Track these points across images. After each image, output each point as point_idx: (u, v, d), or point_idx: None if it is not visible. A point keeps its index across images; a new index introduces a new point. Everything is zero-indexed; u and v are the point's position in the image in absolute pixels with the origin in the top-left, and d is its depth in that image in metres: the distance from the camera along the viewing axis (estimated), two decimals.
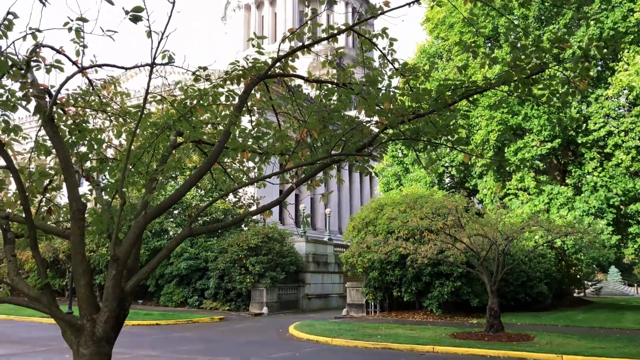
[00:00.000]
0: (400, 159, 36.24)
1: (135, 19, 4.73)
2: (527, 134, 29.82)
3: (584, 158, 29.66)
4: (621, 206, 29.02)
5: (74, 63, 5.70)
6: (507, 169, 29.64)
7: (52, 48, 5.45)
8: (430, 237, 22.84)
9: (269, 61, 5.92)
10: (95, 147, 6.02)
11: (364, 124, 6.11)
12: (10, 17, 4.62)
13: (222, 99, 6.24)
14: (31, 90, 4.99)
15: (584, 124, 28.56)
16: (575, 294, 48.42)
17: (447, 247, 21.65)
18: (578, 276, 42.43)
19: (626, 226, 30.40)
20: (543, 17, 31.15)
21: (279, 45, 6.18)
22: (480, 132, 29.19)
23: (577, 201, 28.50)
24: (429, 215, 24.68)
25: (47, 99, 5.39)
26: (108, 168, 6.19)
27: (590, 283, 66.85)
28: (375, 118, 5.62)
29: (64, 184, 5.29)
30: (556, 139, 28.66)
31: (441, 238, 21.98)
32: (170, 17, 4.66)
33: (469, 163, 30.61)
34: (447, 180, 37.39)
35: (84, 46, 5.40)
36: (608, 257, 31.24)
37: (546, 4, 5.55)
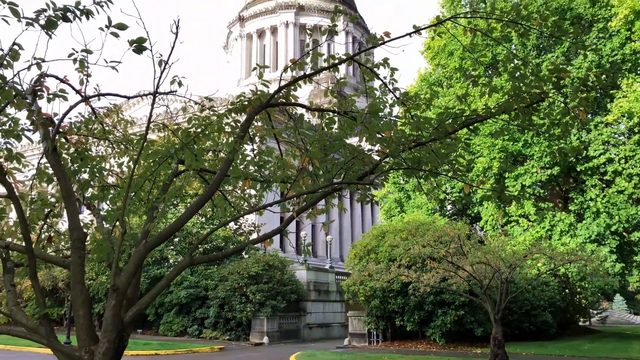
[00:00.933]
0: (402, 186, 36.25)
1: (139, 50, 4.80)
2: (528, 160, 29.88)
3: (586, 185, 29.63)
4: (624, 233, 28.86)
5: (78, 92, 5.75)
6: (507, 195, 29.61)
7: (57, 77, 5.51)
8: (433, 265, 22.68)
9: (272, 91, 5.98)
10: (97, 175, 6.04)
11: (366, 152, 6.13)
12: (15, 47, 4.69)
13: (227, 128, 6.28)
14: (37, 118, 5.03)
15: (584, 151, 28.64)
16: (580, 323, 47.77)
17: (450, 275, 21.46)
18: (583, 304, 41.94)
19: (630, 254, 30.16)
20: (541, 46, 31.56)
21: (281, 75, 6.24)
22: (481, 159, 29.25)
23: (579, 228, 28.37)
24: (431, 242, 24.55)
25: (50, 128, 5.42)
26: (110, 196, 6.19)
27: (595, 312, 65.98)
28: (377, 147, 5.64)
29: (65, 212, 5.28)
30: (556, 166, 28.70)
31: (443, 266, 21.81)
32: (173, 48, 4.72)
33: (470, 192, 30.61)
34: (449, 207, 37.31)
35: (88, 75, 5.46)
36: (612, 285, 30.95)
37: (545, 34, 5.61)
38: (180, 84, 5.55)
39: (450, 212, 37.41)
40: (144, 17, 4.83)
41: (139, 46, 4.77)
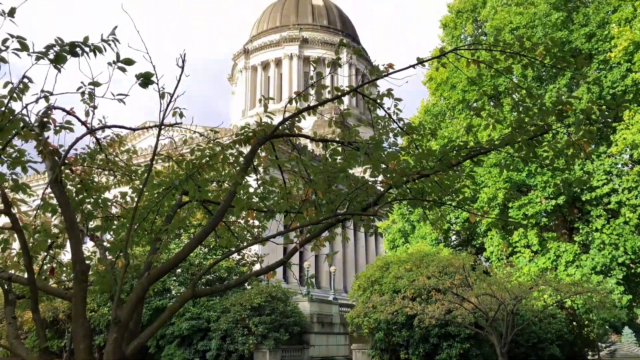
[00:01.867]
0: (406, 216, 36.11)
1: (145, 84, 4.86)
2: (532, 190, 29.81)
3: (590, 215, 29.47)
4: (631, 265, 28.54)
5: (84, 124, 5.82)
6: (511, 227, 29.44)
7: (64, 110, 5.58)
8: (438, 296, 22.41)
9: (276, 122, 6.02)
10: (101, 205, 6.05)
11: (369, 183, 6.13)
12: (25, 80, 4.76)
13: (231, 159, 6.31)
14: (43, 150, 5.08)
15: (588, 181, 28.58)
16: (589, 357, 46.80)
17: (455, 307, 21.19)
18: (591, 338, 41.17)
19: (638, 286, 29.76)
20: (543, 77, 31.85)
21: (285, 106, 6.31)
22: (485, 189, 29.22)
23: (585, 259, 28.09)
24: (436, 274, 24.33)
25: (56, 159, 5.46)
26: (113, 227, 6.19)
27: (604, 345, 64.71)
28: (380, 177, 5.65)
29: (68, 243, 5.27)
30: (561, 196, 28.61)
31: (448, 298, 21.56)
32: (178, 82, 4.79)
33: (475, 222, 30.45)
34: (454, 237, 37.09)
35: (94, 107, 5.53)
36: (620, 318, 30.42)
37: (547, 65, 5.66)
38: (181, 115, 5.61)
39: (455, 242, 37.16)
40: (149, 46, 4.92)
41: (145, 80, 4.84)
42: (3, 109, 4.72)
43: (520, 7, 31.72)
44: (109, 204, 6.32)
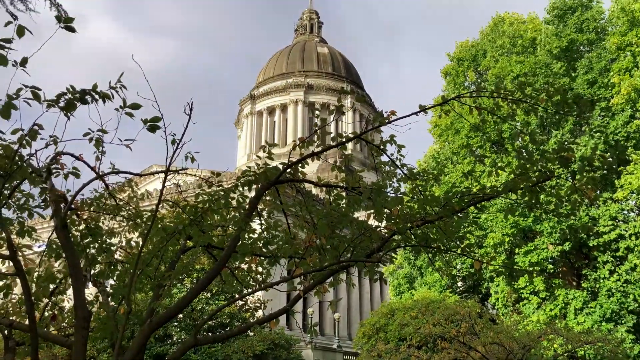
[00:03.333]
0: (412, 261, 35.70)
1: (153, 129, 4.95)
2: (538, 236, 29.54)
3: (598, 261, 29.08)
4: None
5: (92, 169, 5.89)
6: (518, 270, 29.03)
7: (72, 155, 5.67)
8: (444, 345, 21.92)
9: (280, 166, 6.07)
10: (106, 251, 6.05)
11: (373, 228, 6.13)
12: (35, 127, 4.86)
13: (234, 202, 6.34)
14: (50, 195, 5.13)
15: (594, 227, 28.34)
16: None
17: (462, 356, 20.68)
18: None
19: None
20: (545, 124, 32.10)
21: (290, 153, 6.38)
22: (492, 235, 28.98)
23: (593, 306, 27.53)
24: (442, 321, 23.89)
25: (62, 204, 5.50)
26: (117, 273, 6.16)
27: None
28: (384, 223, 5.64)
29: (70, 288, 5.24)
30: (567, 242, 28.32)
31: (455, 346, 21.08)
32: (185, 129, 4.89)
33: (482, 268, 30.03)
34: (460, 283, 36.54)
35: (103, 152, 5.61)
36: None
37: (549, 110, 5.74)
38: (193, 159, 5.69)
39: (462, 289, 36.58)
40: (157, 90, 5.03)
41: (152, 125, 4.93)
42: (12, 154, 4.80)
43: (521, 57, 32.31)
44: (113, 248, 6.32)
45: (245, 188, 6.14)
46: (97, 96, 4.89)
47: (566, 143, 5.32)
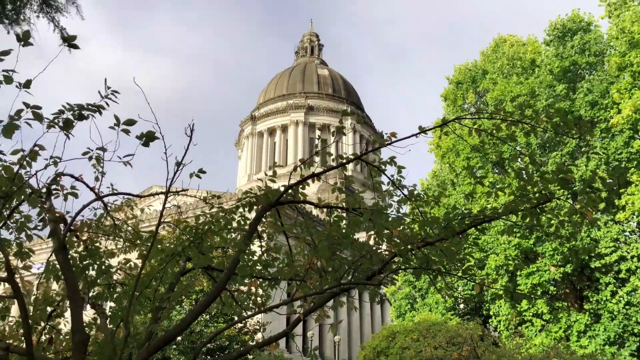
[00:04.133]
0: (413, 282, 35.44)
1: (147, 143, 4.88)
2: (540, 258, 29.37)
3: (600, 283, 28.85)
4: None
5: (92, 190, 5.88)
6: (519, 294, 28.72)
7: (72, 176, 5.66)
8: None
9: (281, 188, 6.06)
10: (105, 272, 6.00)
11: (374, 250, 6.09)
12: (36, 148, 4.86)
13: (234, 224, 6.32)
14: (48, 216, 5.11)
15: (596, 248, 28.17)
16: None
17: None
18: None
19: None
20: (547, 145, 32.15)
21: (290, 174, 6.38)
22: (493, 256, 28.81)
23: (596, 329, 27.22)
24: (443, 344, 23.63)
25: (62, 226, 5.48)
26: (115, 295, 6.11)
27: None
28: (384, 246, 5.61)
29: (68, 310, 5.19)
30: (569, 264, 28.14)
31: None
32: (187, 150, 4.89)
33: (483, 291, 29.75)
34: (462, 305, 36.20)
35: (103, 173, 5.61)
36: None
37: (549, 132, 5.75)
38: (199, 176, 5.67)
39: (464, 310, 36.24)
40: (157, 109, 5.05)
41: (147, 140, 4.87)
42: (13, 175, 4.80)
43: (520, 77, 32.53)
44: (113, 270, 6.27)
45: (246, 209, 6.12)
46: (93, 109, 4.86)
47: (566, 164, 5.33)
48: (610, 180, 5.40)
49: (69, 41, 4.80)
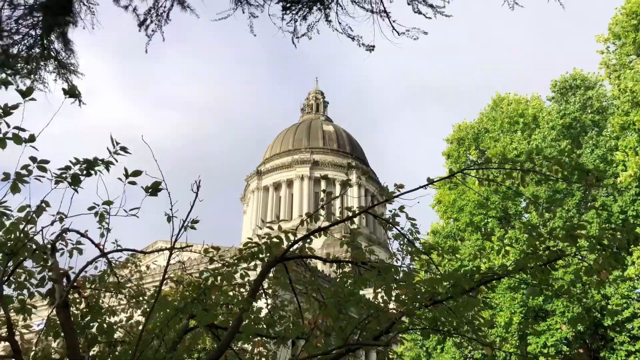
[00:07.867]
0: (420, 342, 34.42)
1: (154, 193, 4.87)
2: (550, 316, 28.61)
3: (615, 342, 27.95)
4: None
5: (97, 246, 5.84)
6: (531, 357, 27.84)
7: (78, 232, 5.64)
8: None
9: (285, 240, 5.98)
10: (106, 330, 5.87)
11: (382, 309, 5.95)
12: (42, 205, 4.87)
13: (237, 276, 6.21)
14: (50, 274, 5.05)
15: (607, 305, 27.49)
16: None
17: None
18: None
19: None
20: (553, 198, 31.96)
21: (297, 229, 6.33)
22: (501, 314, 28.11)
23: None
24: None
25: (64, 281, 5.41)
26: (116, 354, 5.95)
27: None
28: (392, 304, 5.48)
29: None
30: (580, 322, 27.34)
31: None
32: (192, 207, 4.88)
33: (494, 354, 28.82)
34: None
35: (108, 229, 5.57)
36: None
37: (559, 184, 5.71)
38: (193, 227, 5.60)
39: None
40: (164, 164, 5.06)
41: (154, 191, 4.86)
42: (19, 232, 4.79)
43: (524, 134, 32.84)
44: (115, 327, 6.14)
45: (248, 261, 6.02)
46: (101, 165, 4.88)
47: (573, 219, 5.28)
48: (620, 237, 5.32)
49: (70, 93, 4.88)
